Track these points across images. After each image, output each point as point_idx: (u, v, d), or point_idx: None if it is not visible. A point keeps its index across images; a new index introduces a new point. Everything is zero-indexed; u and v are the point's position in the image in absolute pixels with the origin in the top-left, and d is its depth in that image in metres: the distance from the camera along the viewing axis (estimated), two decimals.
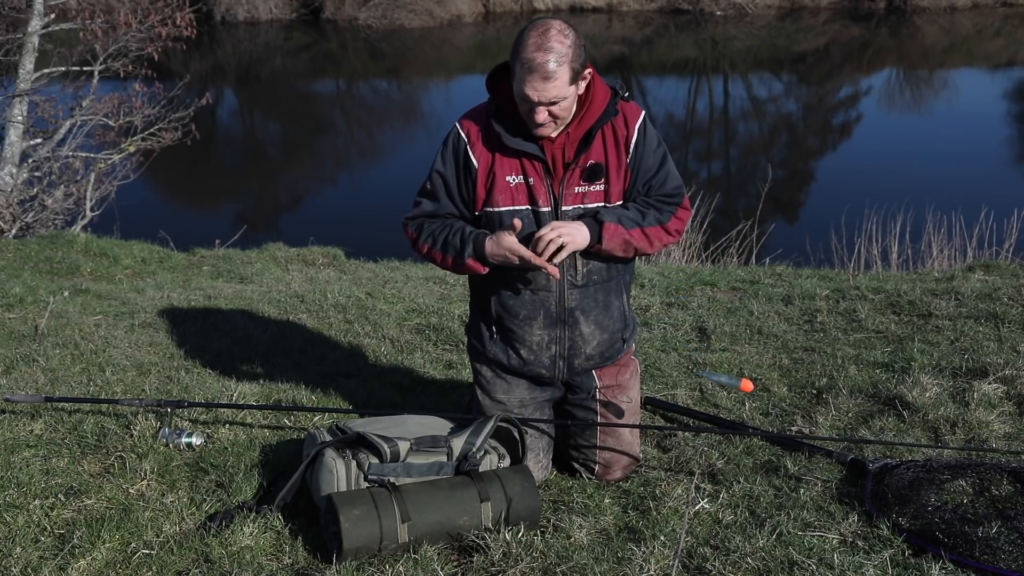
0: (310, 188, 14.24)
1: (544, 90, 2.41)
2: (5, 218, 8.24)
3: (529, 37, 2.42)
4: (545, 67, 2.39)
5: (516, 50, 2.44)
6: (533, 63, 2.39)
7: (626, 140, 2.59)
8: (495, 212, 2.58)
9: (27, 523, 2.38)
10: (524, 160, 2.56)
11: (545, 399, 2.83)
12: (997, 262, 5.77)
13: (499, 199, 2.57)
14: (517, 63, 2.43)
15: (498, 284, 2.68)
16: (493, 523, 2.38)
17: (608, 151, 2.59)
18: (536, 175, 2.56)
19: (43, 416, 3.01)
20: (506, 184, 2.57)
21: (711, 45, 26.79)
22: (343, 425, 2.58)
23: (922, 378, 3.38)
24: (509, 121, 2.54)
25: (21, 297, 4.68)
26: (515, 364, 2.75)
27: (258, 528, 2.35)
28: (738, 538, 2.36)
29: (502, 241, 2.51)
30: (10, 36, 9.47)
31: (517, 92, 2.46)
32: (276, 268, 6.39)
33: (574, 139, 2.56)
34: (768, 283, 5.20)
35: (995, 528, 2.36)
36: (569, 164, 2.56)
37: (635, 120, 2.60)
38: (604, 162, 2.58)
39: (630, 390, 2.86)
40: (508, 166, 2.57)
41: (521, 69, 2.41)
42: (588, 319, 2.70)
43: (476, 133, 2.59)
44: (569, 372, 2.77)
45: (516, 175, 2.57)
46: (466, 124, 2.61)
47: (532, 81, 2.40)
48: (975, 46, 26.15)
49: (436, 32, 28.12)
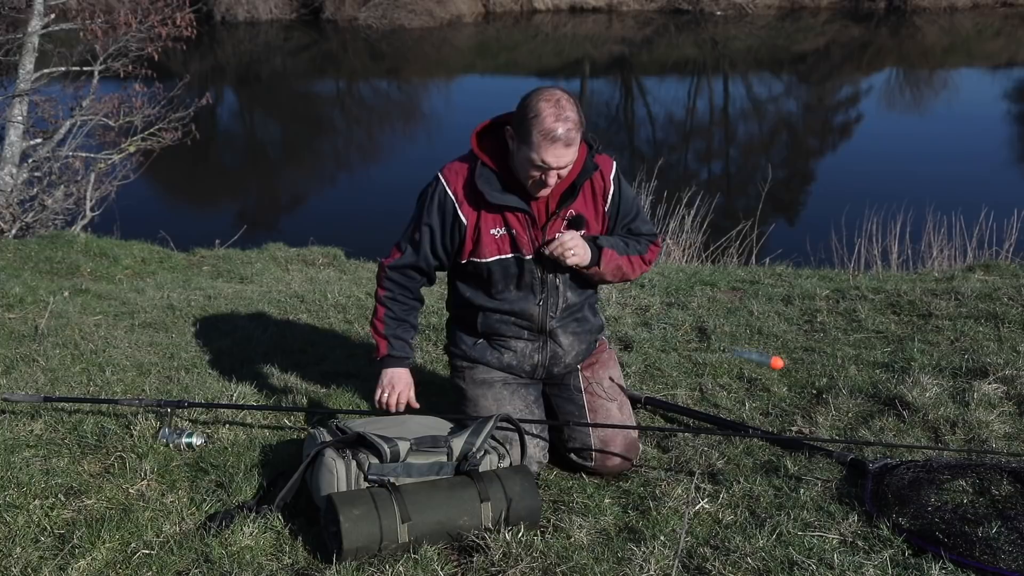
0: (310, 188, 14.24)
1: (564, 156, 2.58)
2: (5, 218, 8.24)
3: (544, 108, 2.54)
4: (568, 135, 2.55)
5: (531, 120, 2.55)
6: (555, 133, 2.53)
7: (603, 191, 2.81)
8: (482, 263, 2.77)
9: (27, 523, 2.38)
10: (507, 213, 2.73)
11: (528, 381, 2.98)
12: (997, 262, 5.77)
13: (485, 251, 2.76)
14: (535, 133, 2.55)
15: (486, 307, 2.85)
16: (493, 523, 2.38)
17: (587, 202, 2.80)
18: (519, 226, 2.74)
19: (43, 416, 3.01)
20: (491, 237, 2.75)
21: (711, 45, 26.79)
22: (343, 425, 2.58)
23: (922, 378, 3.38)
24: (493, 177, 2.70)
25: (21, 297, 4.68)
26: (496, 363, 2.91)
27: (258, 528, 2.35)
28: (738, 538, 2.36)
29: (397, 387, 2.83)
30: (10, 36, 9.45)
31: (529, 159, 2.59)
32: (276, 268, 6.38)
33: (556, 192, 2.73)
34: (768, 283, 5.20)
35: (995, 528, 2.37)
36: (553, 214, 2.75)
37: (610, 172, 2.82)
38: (584, 212, 2.79)
39: (610, 370, 3.03)
40: (492, 221, 2.74)
41: (541, 138, 2.54)
42: (567, 333, 2.93)
43: (462, 190, 2.74)
44: (549, 377, 2.99)
45: (500, 227, 2.74)
46: (452, 180, 2.76)
47: (554, 149, 2.55)
48: (975, 46, 26.15)
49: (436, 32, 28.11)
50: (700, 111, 19.79)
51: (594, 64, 24.34)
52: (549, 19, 30.32)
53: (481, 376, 2.93)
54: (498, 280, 2.80)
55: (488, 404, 2.88)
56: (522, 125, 2.58)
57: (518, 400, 2.90)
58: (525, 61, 25.66)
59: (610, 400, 2.95)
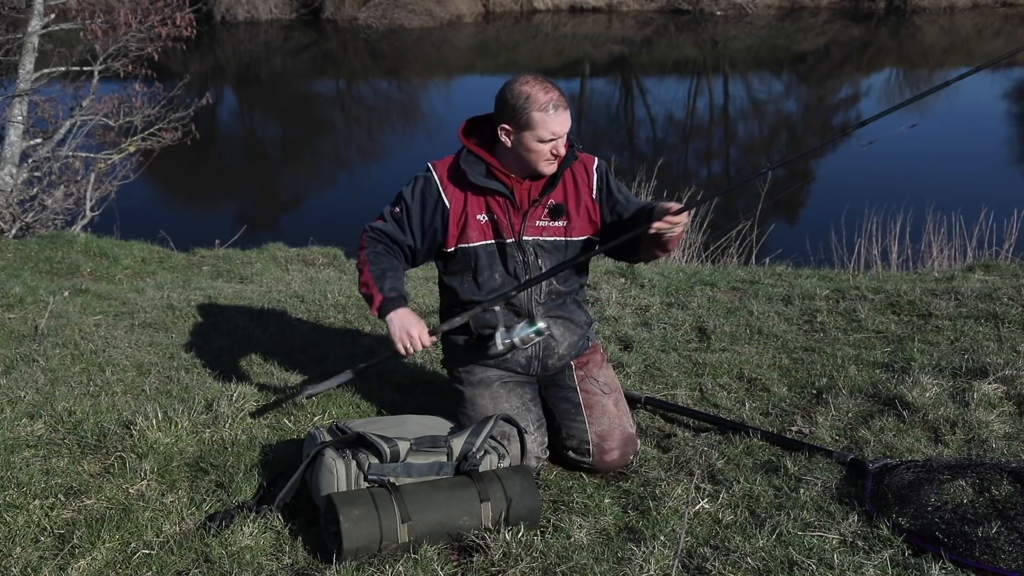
0: (310, 188, 14.23)
1: (566, 121, 2.73)
2: (5, 218, 8.23)
3: (531, 89, 2.70)
4: (561, 101, 2.71)
5: (524, 104, 2.69)
6: (552, 102, 2.69)
7: (587, 182, 2.92)
8: (470, 248, 2.87)
9: (27, 523, 2.38)
10: (490, 198, 2.85)
11: (525, 379, 3.00)
12: (997, 262, 5.78)
13: (472, 236, 2.86)
14: (533, 112, 2.69)
15: (475, 301, 2.89)
16: (493, 523, 2.38)
17: (568, 192, 2.90)
18: (500, 211, 2.85)
19: (43, 416, 3.01)
20: (477, 222, 2.86)
21: (711, 45, 26.79)
22: (343, 425, 2.58)
23: (922, 378, 3.38)
24: (479, 164, 2.83)
25: (21, 297, 4.68)
26: (492, 360, 2.93)
27: (258, 528, 2.35)
28: (738, 538, 2.36)
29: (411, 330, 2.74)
30: (10, 36, 9.45)
31: (537, 137, 2.72)
32: (276, 268, 6.38)
33: (539, 182, 2.86)
34: (768, 283, 5.20)
35: (995, 528, 2.36)
36: (535, 201, 2.86)
37: (592, 164, 2.94)
38: (564, 202, 2.88)
39: (604, 370, 3.07)
40: (477, 205, 2.85)
41: (542, 114, 2.69)
42: (557, 323, 2.98)
43: (447, 175, 2.88)
44: (543, 371, 3.01)
45: (483, 213, 2.86)
46: (438, 167, 2.90)
47: (557, 117, 2.70)
48: (975, 46, 26.14)
49: (436, 32, 28.12)
50: (700, 111, 19.79)
51: (594, 64, 24.34)
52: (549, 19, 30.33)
53: (478, 376, 2.95)
54: (484, 267, 2.87)
55: (486, 403, 2.89)
56: (516, 113, 2.71)
57: (515, 398, 2.91)
58: (525, 61, 25.66)
59: (605, 395, 2.97)
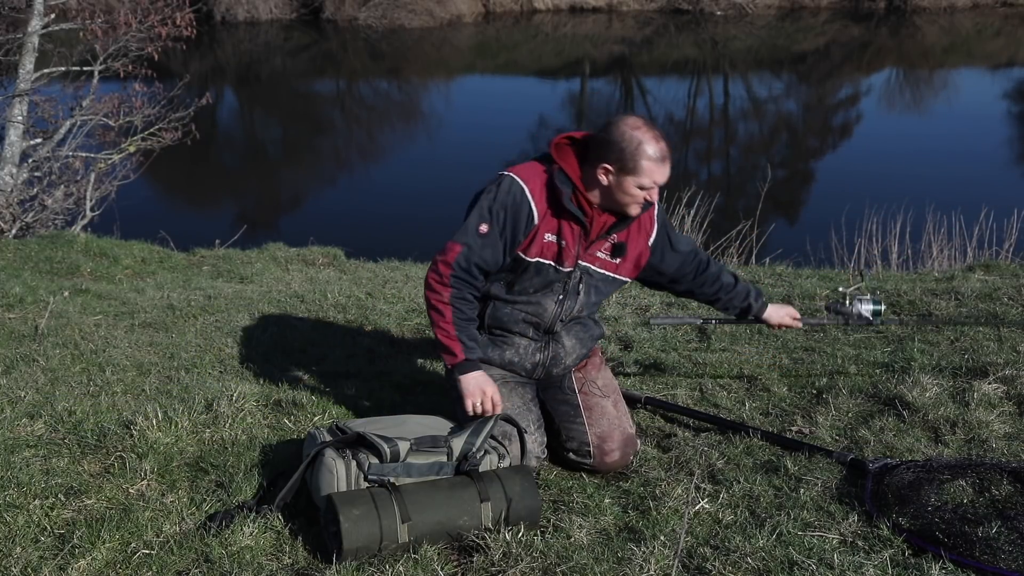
0: (310, 188, 14.23)
1: (667, 173, 2.74)
2: (5, 218, 8.23)
3: (643, 135, 2.68)
4: (668, 152, 2.72)
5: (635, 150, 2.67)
6: (661, 153, 2.69)
7: (648, 230, 2.96)
8: (525, 260, 2.80)
9: (27, 523, 2.38)
10: (564, 222, 2.78)
11: (525, 380, 2.99)
12: (997, 262, 5.78)
13: (533, 251, 2.79)
14: (643, 160, 2.67)
15: (501, 298, 2.87)
16: (493, 523, 2.38)
17: (632, 234, 2.91)
18: (570, 237, 2.79)
19: (43, 416, 3.01)
20: (544, 240, 2.79)
21: (711, 45, 26.78)
22: (343, 425, 2.58)
23: (922, 378, 3.38)
24: (565, 187, 2.75)
25: (21, 297, 4.68)
26: (497, 360, 2.91)
27: (258, 528, 2.35)
28: (738, 538, 2.36)
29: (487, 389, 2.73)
30: (10, 36, 9.45)
31: (638, 184, 2.70)
32: (276, 268, 6.38)
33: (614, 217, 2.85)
34: (768, 283, 5.20)
35: (995, 528, 2.36)
36: (603, 235, 2.84)
37: (654, 211, 2.96)
38: (627, 241, 2.90)
39: (602, 372, 3.08)
40: (550, 224, 2.78)
41: (650, 163, 2.68)
42: (571, 335, 2.97)
43: (537, 191, 2.77)
44: (547, 377, 3.01)
45: (553, 234, 2.78)
46: (527, 178, 2.77)
47: (662, 168, 2.71)
48: (975, 46, 26.15)
49: (436, 32, 28.10)
50: (700, 111, 19.79)
51: (594, 64, 24.33)
52: (549, 19, 30.31)
53: None
54: (529, 278, 2.82)
55: None
56: (624, 157, 2.68)
57: (516, 398, 2.91)
58: (525, 61, 25.66)
59: (604, 397, 2.97)
